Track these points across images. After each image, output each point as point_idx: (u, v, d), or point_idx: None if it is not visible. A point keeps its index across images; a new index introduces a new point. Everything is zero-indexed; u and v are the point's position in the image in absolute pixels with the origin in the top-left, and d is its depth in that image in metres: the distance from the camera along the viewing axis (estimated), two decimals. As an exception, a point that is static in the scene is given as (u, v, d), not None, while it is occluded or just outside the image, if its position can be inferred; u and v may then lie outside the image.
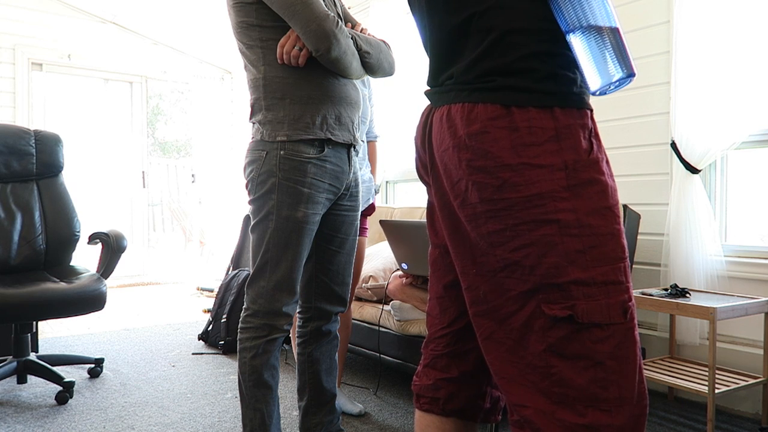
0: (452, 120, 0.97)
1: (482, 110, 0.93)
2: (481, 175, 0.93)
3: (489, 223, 0.94)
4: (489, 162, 0.92)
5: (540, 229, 0.90)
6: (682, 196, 2.54)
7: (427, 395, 1.15)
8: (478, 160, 0.93)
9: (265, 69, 1.61)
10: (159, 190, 8.95)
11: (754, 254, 2.47)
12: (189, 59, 6.10)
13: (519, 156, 0.90)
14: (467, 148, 0.94)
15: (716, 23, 2.42)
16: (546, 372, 0.90)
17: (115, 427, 2.31)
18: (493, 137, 0.92)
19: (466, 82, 0.96)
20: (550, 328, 0.90)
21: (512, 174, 0.91)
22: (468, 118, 0.94)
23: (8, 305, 2.43)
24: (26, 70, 5.16)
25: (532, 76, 0.93)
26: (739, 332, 2.46)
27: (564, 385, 0.89)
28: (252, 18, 1.59)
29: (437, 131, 1.01)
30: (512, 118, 0.91)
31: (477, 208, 0.95)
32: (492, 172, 0.92)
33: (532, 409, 0.92)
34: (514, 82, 0.93)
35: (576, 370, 0.89)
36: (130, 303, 5.07)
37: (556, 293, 0.90)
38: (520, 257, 0.91)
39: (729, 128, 2.41)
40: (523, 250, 0.91)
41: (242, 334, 1.67)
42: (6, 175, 3.00)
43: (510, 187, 0.91)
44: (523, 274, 0.91)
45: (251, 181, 1.64)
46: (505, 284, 0.94)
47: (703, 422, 2.30)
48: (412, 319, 2.52)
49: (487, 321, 0.97)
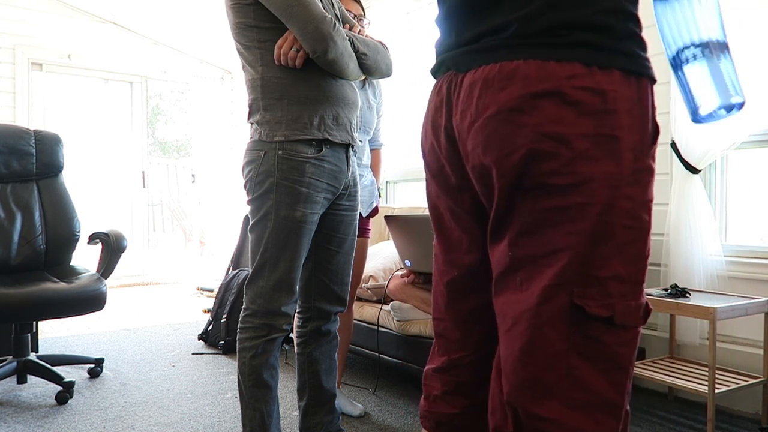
0: (506, 80, 0.81)
1: (556, 68, 0.79)
2: (551, 142, 0.79)
3: (548, 199, 0.80)
4: (563, 129, 0.78)
5: (605, 214, 0.79)
6: (682, 196, 2.54)
7: (453, 423, 1.04)
8: (547, 125, 0.79)
9: (263, 69, 1.61)
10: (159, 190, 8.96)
11: (754, 254, 2.47)
12: (189, 59, 6.10)
13: (599, 125, 0.79)
14: (535, 110, 0.79)
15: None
16: (566, 374, 0.80)
17: (115, 427, 2.31)
18: (570, 99, 0.78)
19: (527, 36, 0.81)
20: (579, 325, 0.80)
21: (589, 145, 0.78)
22: (536, 76, 0.80)
23: (8, 305, 2.43)
24: (26, 70, 5.16)
25: (613, 33, 0.81)
26: (739, 332, 2.46)
27: (585, 390, 0.80)
28: (250, 19, 1.59)
29: (475, 96, 0.85)
30: (595, 80, 0.79)
31: (535, 180, 0.81)
32: (565, 141, 0.79)
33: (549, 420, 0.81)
34: (595, 38, 0.80)
35: (598, 373, 0.81)
36: (130, 303, 5.07)
37: (593, 288, 0.80)
38: (575, 242, 0.80)
39: (729, 128, 2.41)
40: (582, 235, 0.80)
41: (241, 334, 1.67)
42: (6, 175, 3.00)
43: (585, 161, 0.78)
44: (569, 262, 0.80)
45: (250, 181, 1.64)
46: (543, 272, 0.81)
47: (703, 422, 2.30)
48: (412, 319, 2.52)
49: (513, 311, 0.86)
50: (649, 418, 2.37)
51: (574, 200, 0.80)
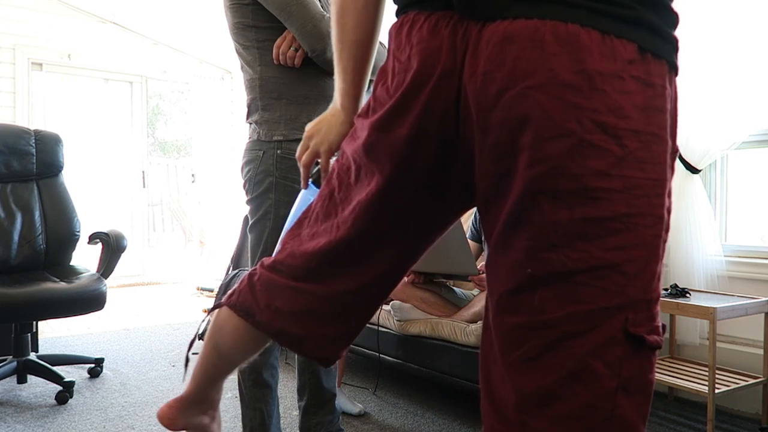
0: (565, 45, 0.66)
1: (620, 47, 0.66)
2: (604, 136, 0.66)
3: (587, 205, 0.67)
4: (619, 121, 0.66)
5: (654, 227, 0.69)
6: (682, 196, 2.54)
7: (296, 342, 0.95)
8: (605, 114, 0.66)
9: (262, 69, 1.61)
10: (159, 190, 8.96)
11: (754, 254, 2.47)
12: (189, 59, 6.10)
13: (650, 123, 0.67)
14: (596, 93, 0.65)
15: (716, 23, 2.42)
16: (609, 415, 0.68)
17: (115, 427, 2.31)
18: (626, 88, 0.66)
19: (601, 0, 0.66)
20: (628, 357, 0.68)
21: (640, 145, 0.67)
22: (599, 51, 0.66)
23: (8, 305, 2.43)
24: (26, 70, 5.16)
25: (668, 19, 0.70)
26: (739, 332, 2.46)
27: (624, 427, 0.69)
28: (248, 19, 1.59)
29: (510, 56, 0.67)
30: (648, 69, 0.67)
31: (580, 181, 0.67)
32: (618, 136, 0.66)
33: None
34: (654, 19, 0.68)
35: (636, 408, 0.70)
36: (130, 303, 5.07)
37: (644, 313, 0.69)
38: (623, 260, 0.68)
39: (729, 128, 2.41)
40: (629, 250, 0.68)
41: (242, 334, 1.66)
42: (6, 175, 3.00)
43: (634, 163, 0.67)
44: (616, 284, 0.68)
45: (249, 181, 1.64)
46: (578, 293, 0.68)
47: (703, 422, 2.30)
48: (412, 319, 2.52)
49: (536, 338, 0.70)
50: (650, 418, 2.36)
51: (619, 209, 0.67)
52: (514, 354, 0.73)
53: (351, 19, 0.96)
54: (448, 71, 0.73)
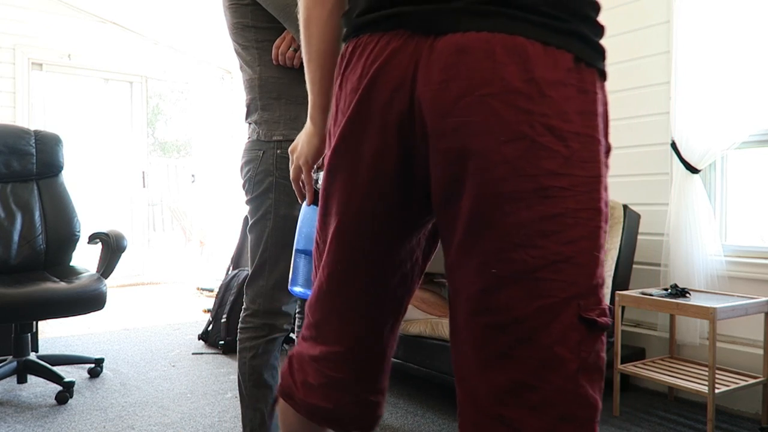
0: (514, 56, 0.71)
1: (560, 57, 0.73)
2: (553, 138, 0.72)
3: (544, 204, 0.72)
4: (564, 125, 0.73)
5: (595, 219, 0.76)
6: (682, 196, 2.54)
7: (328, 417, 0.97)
8: (553, 118, 0.72)
9: (261, 69, 1.61)
10: (159, 190, 8.95)
11: (754, 254, 2.47)
12: (189, 59, 6.10)
13: (588, 125, 0.75)
14: (544, 99, 0.71)
15: (716, 23, 2.42)
16: (575, 395, 0.75)
17: (115, 427, 2.31)
18: (567, 94, 0.73)
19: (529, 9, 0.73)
20: (584, 340, 0.75)
21: (581, 146, 0.74)
22: (544, 61, 0.72)
23: (8, 305, 2.43)
24: (26, 70, 5.16)
25: (597, 30, 0.77)
26: (739, 332, 2.46)
27: (587, 406, 0.75)
28: (247, 19, 1.59)
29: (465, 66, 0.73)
30: (582, 76, 0.74)
31: (536, 182, 0.72)
32: (564, 138, 0.73)
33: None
34: (586, 31, 0.75)
35: (594, 386, 0.76)
36: (130, 303, 5.07)
37: (592, 298, 0.76)
38: (575, 252, 0.74)
39: (729, 128, 2.41)
40: (579, 242, 0.74)
41: (242, 334, 1.67)
42: (6, 175, 3.01)
43: (578, 162, 0.74)
44: (573, 275, 0.74)
45: (248, 181, 1.64)
46: (541, 288, 0.73)
47: (703, 422, 2.30)
48: (412, 319, 2.52)
49: (506, 335, 0.76)
50: (649, 418, 2.37)
51: (568, 205, 0.73)
52: (486, 351, 0.77)
53: (316, 28, 0.96)
54: (399, 84, 0.77)
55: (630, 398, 2.59)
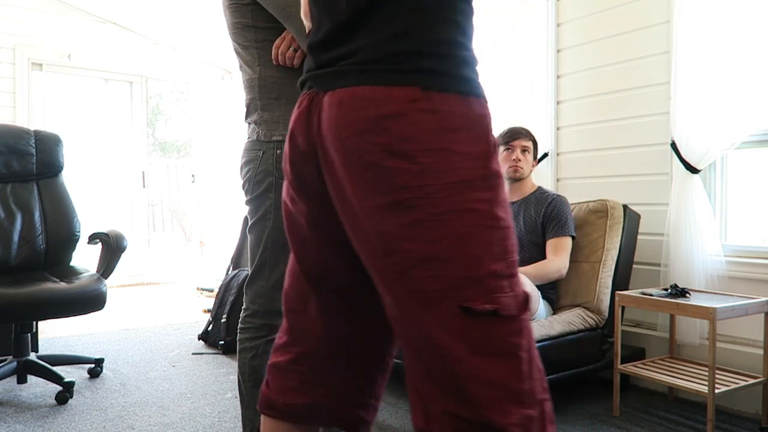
0: (359, 102, 0.90)
1: (399, 92, 0.88)
2: (398, 160, 0.87)
3: (404, 214, 0.87)
4: (408, 146, 0.87)
5: (463, 218, 0.87)
6: (682, 196, 2.54)
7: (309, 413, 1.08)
8: (396, 144, 0.87)
9: (261, 69, 1.61)
10: (159, 190, 8.95)
11: (754, 254, 2.47)
12: (189, 59, 6.10)
13: (440, 141, 0.87)
14: (383, 131, 0.88)
15: (716, 23, 2.42)
16: (472, 377, 0.85)
17: (115, 427, 2.31)
18: (412, 120, 0.87)
19: (376, 61, 0.91)
20: (470, 327, 0.86)
21: (434, 159, 0.87)
22: (383, 100, 0.89)
23: (8, 305, 2.43)
24: (26, 70, 5.16)
25: (449, 60, 0.91)
26: (739, 332, 2.46)
27: (490, 386, 0.85)
28: (247, 19, 1.59)
29: (335, 117, 0.92)
30: (432, 102, 0.88)
31: (390, 197, 0.87)
32: (411, 157, 0.86)
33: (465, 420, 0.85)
34: (433, 65, 0.90)
35: (499, 368, 0.86)
36: (130, 303, 5.08)
37: (474, 288, 0.86)
38: (440, 249, 0.86)
39: (729, 128, 2.41)
40: (445, 241, 0.86)
41: (242, 334, 1.67)
42: (6, 175, 3.01)
43: (432, 173, 0.86)
44: (442, 269, 0.86)
45: (248, 181, 1.64)
46: (416, 284, 0.87)
47: (703, 422, 2.30)
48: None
49: (399, 328, 0.91)
50: (649, 418, 2.37)
51: (426, 211, 0.86)
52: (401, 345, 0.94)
53: None
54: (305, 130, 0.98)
55: (630, 398, 2.59)
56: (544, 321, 2.38)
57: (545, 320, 2.39)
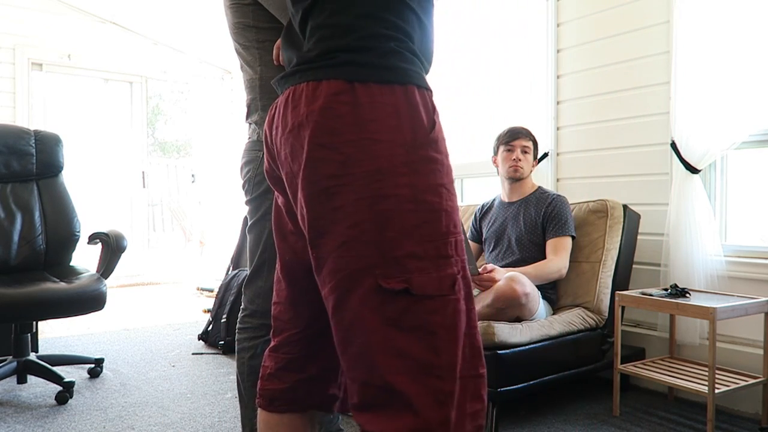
0: (296, 100, 0.98)
1: (326, 87, 0.95)
2: (325, 151, 0.94)
3: (331, 200, 0.94)
4: (333, 138, 0.93)
5: (380, 204, 0.92)
6: (682, 196, 2.54)
7: (285, 397, 1.16)
8: (321, 136, 0.94)
9: (262, 69, 1.61)
10: (159, 190, 8.95)
11: (754, 254, 2.46)
12: (189, 59, 6.10)
13: (361, 131, 0.93)
14: (310, 124, 0.95)
15: (716, 23, 2.42)
16: (382, 346, 0.92)
17: (115, 427, 2.31)
18: (336, 113, 0.93)
19: (309, 61, 0.99)
20: (387, 302, 0.92)
21: (355, 149, 0.93)
22: (312, 95, 0.96)
23: (8, 305, 2.43)
24: (26, 70, 5.16)
25: (373, 52, 0.96)
26: (739, 332, 2.46)
27: (404, 356, 0.92)
28: (248, 19, 1.59)
29: (282, 114, 1.01)
30: (355, 94, 0.93)
31: (320, 185, 0.95)
32: (336, 148, 0.93)
33: (373, 386, 0.93)
34: (356, 57, 0.95)
35: (413, 340, 0.92)
36: (130, 303, 5.07)
37: (393, 267, 0.92)
38: (359, 233, 0.93)
39: (729, 128, 2.41)
40: (362, 225, 0.93)
41: (240, 334, 1.67)
42: (6, 175, 3.01)
43: (354, 163, 0.93)
44: (362, 250, 0.93)
45: (248, 181, 1.64)
46: (341, 263, 0.94)
47: (703, 422, 2.30)
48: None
49: (329, 303, 0.99)
50: (649, 418, 2.37)
51: (349, 197, 0.93)
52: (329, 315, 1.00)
53: None
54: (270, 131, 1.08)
55: (630, 398, 2.59)
56: (544, 321, 2.38)
57: (545, 320, 2.39)
